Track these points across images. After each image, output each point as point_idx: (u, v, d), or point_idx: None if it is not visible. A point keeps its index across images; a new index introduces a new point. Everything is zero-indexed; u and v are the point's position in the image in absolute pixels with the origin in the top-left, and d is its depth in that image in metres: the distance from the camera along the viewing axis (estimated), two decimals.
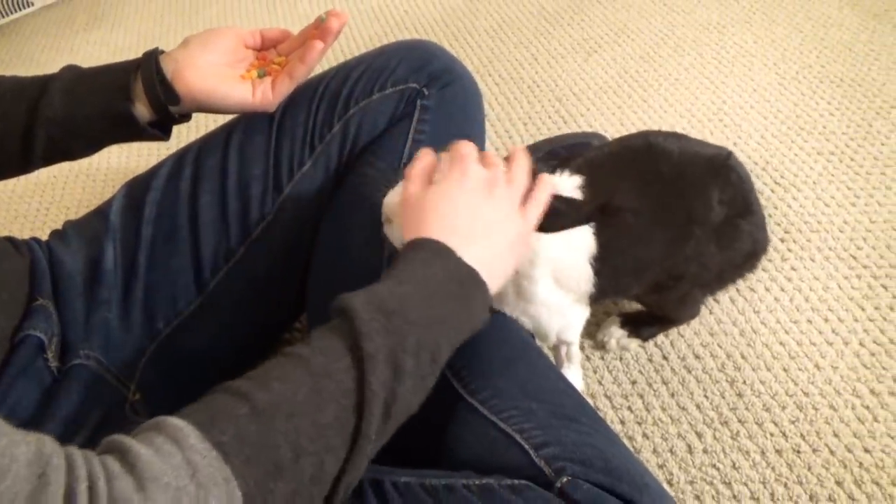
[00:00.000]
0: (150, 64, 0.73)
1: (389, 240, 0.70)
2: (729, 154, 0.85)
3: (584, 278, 0.74)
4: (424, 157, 0.63)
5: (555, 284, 0.73)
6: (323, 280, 0.79)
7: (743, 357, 0.88)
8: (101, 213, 0.82)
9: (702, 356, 0.89)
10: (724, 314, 0.93)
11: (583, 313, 0.80)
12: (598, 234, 0.72)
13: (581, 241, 0.72)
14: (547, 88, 1.45)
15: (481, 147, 0.93)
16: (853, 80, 1.32)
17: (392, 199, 0.68)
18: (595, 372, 0.90)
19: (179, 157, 0.84)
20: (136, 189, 0.83)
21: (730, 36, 1.51)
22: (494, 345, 0.69)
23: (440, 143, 0.83)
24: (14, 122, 0.71)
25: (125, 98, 0.72)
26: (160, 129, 0.77)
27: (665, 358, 0.90)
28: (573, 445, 0.52)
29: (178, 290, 0.77)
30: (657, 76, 1.43)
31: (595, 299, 0.77)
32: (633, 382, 0.88)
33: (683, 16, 1.60)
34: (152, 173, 0.84)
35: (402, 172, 0.80)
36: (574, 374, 0.84)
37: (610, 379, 0.88)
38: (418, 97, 0.86)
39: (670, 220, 0.77)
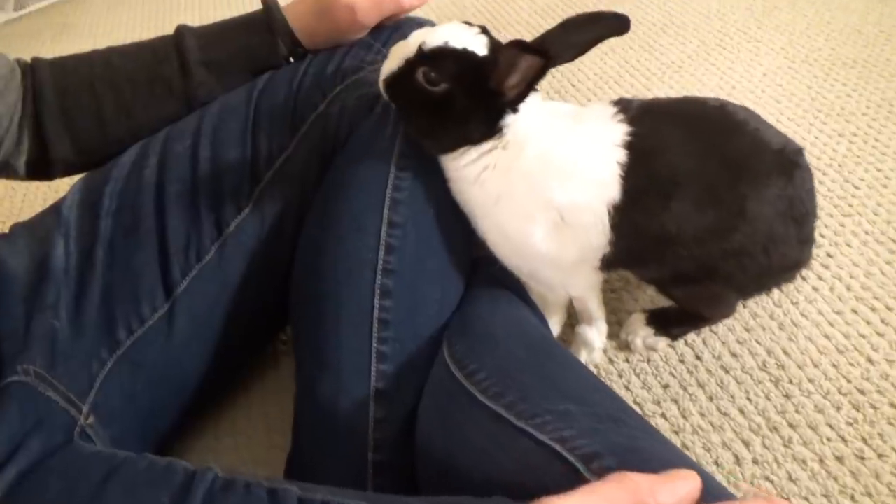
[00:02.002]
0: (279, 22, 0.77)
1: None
2: (800, 150, 0.71)
3: (598, 227, 0.62)
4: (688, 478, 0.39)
5: (555, 231, 0.62)
6: (305, 280, 0.69)
7: (785, 353, 0.78)
8: (53, 208, 0.72)
9: (739, 354, 0.79)
10: (760, 307, 0.84)
11: (590, 275, 0.68)
12: (627, 178, 0.60)
13: (603, 174, 0.60)
14: (545, 82, 1.34)
15: None
16: (867, 61, 1.25)
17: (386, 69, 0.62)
18: (621, 376, 0.79)
19: (144, 144, 0.74)
20: (94, 181, 0.72)
21: (732, 23, 1.44)
22: (511, 339, 0.58)
23: None
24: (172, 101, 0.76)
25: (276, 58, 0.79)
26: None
27: (698, 358, 0.80)
28: (629, 453, 0.42)
29: (142, 292, 0.66)
30: (659, 65, 1.35)
31: (607, 264, 0.67)
32: (665, 386, 0.77)
33: (681, 4, 1.53)
34: (113, 163, 0.73)
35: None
36: (594, 335, 0.74)
37: (638, 383, 0.78)
38: None
39: (716, 202, 0.65)
